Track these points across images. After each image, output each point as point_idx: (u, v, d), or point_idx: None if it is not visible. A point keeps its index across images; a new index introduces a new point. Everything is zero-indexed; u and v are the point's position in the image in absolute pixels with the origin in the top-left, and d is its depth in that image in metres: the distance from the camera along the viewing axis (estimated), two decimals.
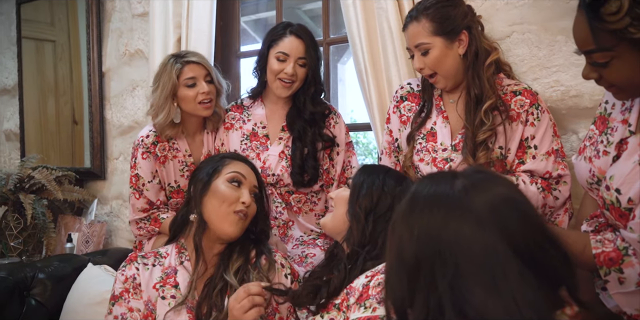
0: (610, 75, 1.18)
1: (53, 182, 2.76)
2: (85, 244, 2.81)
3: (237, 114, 2.12)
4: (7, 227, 2.76)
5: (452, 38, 1.65)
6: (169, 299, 1.53)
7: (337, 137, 2.06)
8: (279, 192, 2.04)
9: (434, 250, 0.81)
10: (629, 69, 1.14)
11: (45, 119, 3.37)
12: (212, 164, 1.63)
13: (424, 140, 1.78)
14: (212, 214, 1.55)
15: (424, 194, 0.87)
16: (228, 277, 1.53)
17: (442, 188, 0.85)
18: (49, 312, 1.99)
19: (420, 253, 0.82)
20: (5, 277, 1.96)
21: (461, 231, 0.80)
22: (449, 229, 0.81)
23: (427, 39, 1.65)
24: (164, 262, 1.60)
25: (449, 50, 1.66)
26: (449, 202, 0.83)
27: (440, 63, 1.67)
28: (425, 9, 1.66)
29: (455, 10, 1.66)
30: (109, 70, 3.05)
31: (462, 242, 0.80)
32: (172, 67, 2.01)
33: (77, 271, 2.09)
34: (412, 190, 0.91)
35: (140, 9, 2.89)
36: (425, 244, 0.82)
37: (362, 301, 1.34)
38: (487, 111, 1.64)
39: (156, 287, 1.55)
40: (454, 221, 0.81)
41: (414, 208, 0.87)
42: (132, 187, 2.08)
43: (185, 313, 1.50)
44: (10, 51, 3.54)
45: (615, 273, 1.22)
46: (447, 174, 0.90)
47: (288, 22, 2.01)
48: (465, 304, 0.76)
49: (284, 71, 1.95)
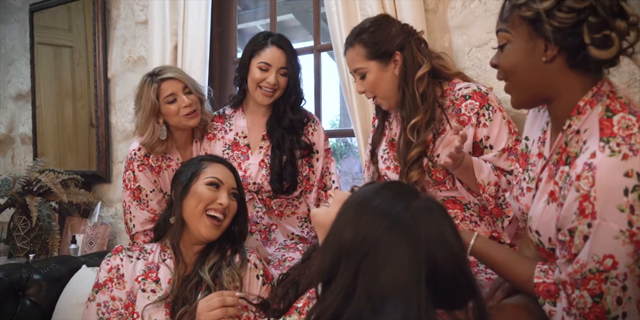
0: (502, 61, 1.20)
1: (59, 185, 2.86)
2: (89, 245, 2.90)
3: (219, 124, 2.16)
4: (14, 228, 2.87)
5: (385, 60, 1.70)
6: (148, 292, 1.60)
7: (316, 144, 2.10)
8: (260, 197, 2.08)
9: (367, 249, 0.90)
10: (516, 56, 1.17)
11: (62, 122, 3.47)
12: (192, 167, 1.68)
13: (387, 148, 1.83)
14: (190, 215, 1.62)
15: (384, 201, 0.96)
16: (202, 273, 1.60)
17: (399, 205, 0.94)
18: (43, 312, 2.05)
19: (355, 245, 0.92)
20: (1, 277, 2.04)
21: (396, 248, 0.90)
22: (387, 241, 0.90)
23: (362, 64, 1.71)
24: (148, 258, 1.67)
25: (384, 72, 1.70)
26: (399, 220, 0.92)
27: (376, 86, 1.72)
28: (358, 34, 1.72)
29: (387, 32, 1.70)
30: (114, 76, 3.14)
31: (392, 256, 0.89)
32: (149, 87, 2.02)
33: (72, 272, 2.15)
34: (377, 189, 1.00)
35: (142, 16, 2.97)
36: (363, 239, 0.92)
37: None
38: (412, 129, 1.67)
39: (138, 279, 1.62)
40: (395, 237, 0.90)
41: (370, 206, 0.95)
42: (134, 201, 2.11)
43: (163, 307, 1.57)
44: (25, 58, 3.66)
45: (549, 305, 1.21)
46: (411, 191, 0.99)
47: (268, 32, 2.06)
48: (376, 296, 0.87)
49: (266, 80, 1.98)
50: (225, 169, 1.69)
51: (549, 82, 1.17)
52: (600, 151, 1.08)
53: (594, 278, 1.09)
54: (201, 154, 2.16)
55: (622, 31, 1.09)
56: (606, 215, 1.05)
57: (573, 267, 1.13)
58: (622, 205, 1.04)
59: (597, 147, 1.09)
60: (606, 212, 1.05)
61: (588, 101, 1.16)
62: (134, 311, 1.58)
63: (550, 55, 1.13)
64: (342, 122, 3.98)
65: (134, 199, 2.12)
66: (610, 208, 1.05)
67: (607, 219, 1.05)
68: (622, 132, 1.09)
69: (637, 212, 1.04)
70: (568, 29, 1.09)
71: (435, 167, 1.68)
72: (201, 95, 2.11)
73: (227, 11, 2.79)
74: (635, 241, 1.04)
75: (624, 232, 1.04)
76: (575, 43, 1.10)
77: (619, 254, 1.06)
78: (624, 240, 1.04)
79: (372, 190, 0.99)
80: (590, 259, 1.09)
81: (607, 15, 1.07)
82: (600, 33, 1.08)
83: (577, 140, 1.16)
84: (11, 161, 3.83)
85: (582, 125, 1.16)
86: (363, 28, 1.72)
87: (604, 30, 1.08)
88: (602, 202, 1.06)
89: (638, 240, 1.04)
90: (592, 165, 1.08)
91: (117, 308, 1.59)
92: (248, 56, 2.02)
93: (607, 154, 1.07)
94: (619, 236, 1.05)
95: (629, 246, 1.05)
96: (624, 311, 1.09)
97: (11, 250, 2.88)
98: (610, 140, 1.09)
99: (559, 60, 1.14)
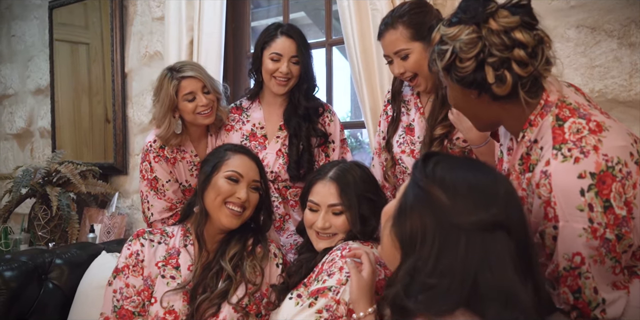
0: (448, 98, 1.33)
1: (77, 176, 2.95)
2: (107, 234, 2.99)
3: (236, 115, 2.23)
4: (35, 217, 2.97)
5: (429, 41, 1.71)
6: (168, 278, 1.64)
7: (332, 134, 2.16)
8: (276, 186, 2.15)
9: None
10: (453, 96, 1.29)
11: (79, 117, 3.57)
12: (216, 157, 1.71)
13: (404, 133, 1.89)
14: (210, 206, 1.66)
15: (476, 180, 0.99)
16: (223, 262, 1.65)
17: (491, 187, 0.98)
18: (64, 294, 2.14)
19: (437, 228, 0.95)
20: (25, 261, 2.13)
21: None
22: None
23: (406, 45, 1.73)
24: (169, 242, 1.71)
25: (427, 53, 1.71)
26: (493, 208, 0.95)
27: (420, 66, 1.74)
28: (400, 16, 1.72)
29: (428, 15, 1.73)
30: (131, 71, 3.24)
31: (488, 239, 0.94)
32: (169, 82, 2.07)
33: (91, 258, 2.24)
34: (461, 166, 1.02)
35: (159, 12, 3.06)
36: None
37: (317, 276, 1.47)
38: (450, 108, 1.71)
39: (158, 265, 1.66)
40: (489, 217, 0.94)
41: (463, 187, 0.98)
42: (152, 190, 2.18)
43: (181, 294, 1.62)
44: (44, 54, 3.77)
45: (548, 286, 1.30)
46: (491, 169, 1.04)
47: (279, 23, 2.11)
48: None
49: (279, 70, 2.04)
50: (248, 160, 1.70)
51: (488, 112, 1.27)
52: (554, 158, 1.17)
53: (569, 275, 1.19)
54: (219, 144, 2.22)
55: (523, 58, 1.14)
56: (568, 216, 1.14)
57: (550, 267, 1.23)
58: (581, 205, 1.13)
59: (551, 155, 1.18)
60: (568, 213, 1.15)
61: (538, 113, 1.24)
62: (152, 296, 1.62)
63: (474, 94, 1.22)
64: (352, 117, 4.05)
65: (151, 189, 2.20)
66: (570, 210, 1.14)
67: (570, 220, 1.14)
68: (572, 137, 1.18)
69: (595, 209, 1.13)
70: (471, 75, 1.17)
71: (453, 148, 1.75)
72: (218, 95, 2.16)
73: (241, 8, 2.87)
74: (598, 236, 1.14)
75: (587, 230, 1.14)
76: (484, 83, 1.17)
77: (585, 250, 1.15)
78: (587, 237, 1.14)
79: (456, 169, 1.01)
80: (562, 259, 1.19)
81: (502, 52, 1.14)
82: (500, 70, 1.15)
83: (536, 149, 1.25)
84: (30, 154, 3.94)
85: (538, 135, 1.24)
86: (404, 10, 1.73)
87: (502, 67, 1.15)
88: (562, 205, 1.15)
89: (601, 235, 1.14)
90: (548, 172, 1.17)
91: (131, 295, 1.63)
92: (260, 48, 2.08)
93: (560, 160, 1.16)
94: (582, 234, 1.14)
95: (592, 241, 1.14)
96: (602, 298, 1.19)
97: (32, 239, 2.98)
98: (562, 147, 1.17)
99: (485, 96, 1.21)
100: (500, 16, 1.16)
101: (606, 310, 1.20)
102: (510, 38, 1.15)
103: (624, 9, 1.77)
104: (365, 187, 1.56)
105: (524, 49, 1.15)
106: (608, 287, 1.20)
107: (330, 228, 1.56)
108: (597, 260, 1.16)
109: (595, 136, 1.17)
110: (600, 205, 1.13)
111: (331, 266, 1.43)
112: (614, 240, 1.15)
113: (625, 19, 1.77)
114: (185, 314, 1.59)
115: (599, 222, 1.13)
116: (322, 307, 1.37)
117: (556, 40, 1.23)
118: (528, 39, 1.15)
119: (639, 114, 1.77)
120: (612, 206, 1.13)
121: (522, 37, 1.15)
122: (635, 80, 1.76)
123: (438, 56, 1.22)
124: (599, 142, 1.16)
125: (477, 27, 1.16)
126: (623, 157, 1.15)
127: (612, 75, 1.80)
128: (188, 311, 1.59)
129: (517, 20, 1.15)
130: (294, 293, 1.49)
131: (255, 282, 1.63)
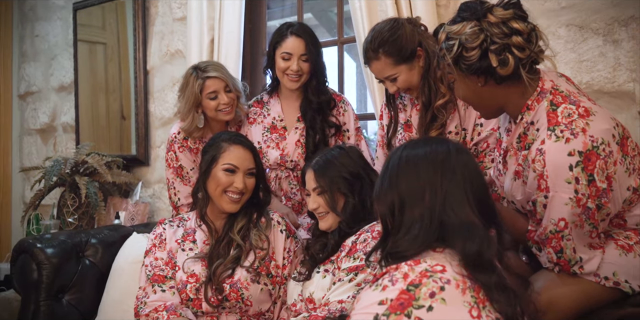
0: (457, 94, 1.57)
1: (104, 167, 3.16)
2: (131, 221, 3.19)
3: (257, 109, 2.42)
4: (64, 205, 3.18)
5: (412, 60, 1.87)
6: (187, 251, 1.93)
7: (347, 124, 2.34)
8: (295, 174, 2.34)
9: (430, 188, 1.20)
10: (462, 89, 1.50)
11: (96, 114, 3.78)
12: (213, 149, 1.92)
13: (402, 130, 2.06)
14: (212, 194, 1.91)
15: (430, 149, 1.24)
16: (232, 234, 1.91)
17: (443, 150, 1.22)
18: (100, 271, 2.35)
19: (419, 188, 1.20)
20: (64, 240, 2.34)
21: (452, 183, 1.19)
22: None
23: (392, 71, 1.88)
24: (186, 224, 2.00)
25: (413, 70, 1.89)
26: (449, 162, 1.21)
27: (410, 82, 1.91)
28: (380, 46, 1.84)
29: (403, 36, 1.84)
30: (153, 69, 3.44)
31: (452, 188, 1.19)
32: (194, 81, 2.26)
33: (123, 238, 2.44)
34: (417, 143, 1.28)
35: (179, 13, 3.26)
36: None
37: (351, 254, 1.68)
38: (439, 108, 1.89)
39: (178, 241, 1.95)
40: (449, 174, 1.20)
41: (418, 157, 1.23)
42: (177, 177, 2.39)
43: (200, 261, 1.90)
44: (67, 53, 3.97)
45: (535, 249, 1.53)
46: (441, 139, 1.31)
47: (290, 23, 2.28)
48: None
49: (290, 68, 2.21)
50: (242, 150, 1.91)
51: (494, 98, 1.49)
52: (548, 138, 1.39)
53: (554, 237, 1.41)
54: None
55: (521, 43, 1.38)
56: (557, 188, 1.37)
57: (539, 231, 1.46)
58: (569, 178, 1.35)
59: (546, 135, 1.40)
60: (557, 185, 1.37)
61: (535, 99, 1.47)
62: (175, 265, 1.90)
63: (481, 81, 1.44)
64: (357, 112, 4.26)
65: (177, 176, 2.41)
66: (560, 182, 1.36)
67: (559, 190, 1.37)
68: (564, 120, 1.39)
69: (581, 182, 1.35)
70: (477, 62, 1.40)
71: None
72: (239, 93, 2.35)
73: (258, 9, 3.07)
74: (581, 205, 1.36)
75: (572, 199, 1.36)
76: (490, 68, 1.40)
77: (569, 216, 1.38)
78: (572, 205, 1.36)
79: (411, 146, 1.27)
80: (549, 223, 1.41)
81: (502, 39, 1.37)
82: (502, 54, 1.38)
83: (533, 130, 1.46)
84: (53, 148, 4.14)
85: (534, 118, 1.46)
86: (381, 39, 1.84)
87: (504, 52, 1.38)
88: (553, 178, 1.37)
89: (584, 204, 1.36)
90: (542, 150, 1.39)
91: (159, 265, 1.91)
92: (272, 48, 2.26)
93: (553, 140, 1.38)
94: (568, 203, 1.36)
95: (576, 209, 1.36)
96: (580, 256, 1.42)
97: (61, 225, 3.19)
98: (556, 129, 1.39)
99: (490, 82, 1.44)
100: (497, 11, 1.39)
101: (583, 267, 1.43)
102: (508, 27, 1.37)
103: (609, 10, 1.98)
104: (343, 168, 1.76)
105: (521, 36, 1.38)
106: (585, 248, 1.43)
107: (319, 208, 1.78)
108: (577, 224, 1.38)
109: (584, 120, 1.38)
110: (585, 179, 1.34)
111: (365, 246, 1.63)
112: (594, 209, 1.37)
113: (609, 18, 1.98)
114: (205, 276, 1.85)
115: (583, 193, 1.35)
116: (361, 281, 1.58)
117: (548, 38, 1.44)
118: (523, 27, 1.38)
119: (622, 103, 1.98)
120: (595, 180, 1.35)
121: (518, 25, 1.37)
122: (618, 73, 1.97)
123: (447, 51, 1.43)
124: (586, 125, 1.37)
125: (477, 21, 1.39)
126: (607, 138, 1.36)
127: (597, 68, 2.01)
128: (207, 274, 1.85)
129: (511, 12, 1.38)
130: (321, 268, 1.74)
131: (263, 247, 1.88)
